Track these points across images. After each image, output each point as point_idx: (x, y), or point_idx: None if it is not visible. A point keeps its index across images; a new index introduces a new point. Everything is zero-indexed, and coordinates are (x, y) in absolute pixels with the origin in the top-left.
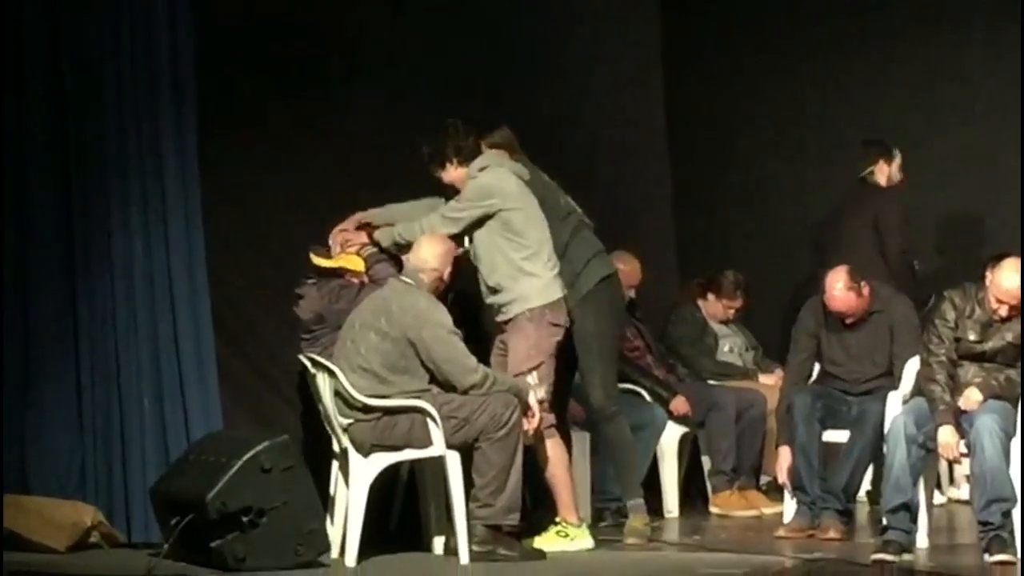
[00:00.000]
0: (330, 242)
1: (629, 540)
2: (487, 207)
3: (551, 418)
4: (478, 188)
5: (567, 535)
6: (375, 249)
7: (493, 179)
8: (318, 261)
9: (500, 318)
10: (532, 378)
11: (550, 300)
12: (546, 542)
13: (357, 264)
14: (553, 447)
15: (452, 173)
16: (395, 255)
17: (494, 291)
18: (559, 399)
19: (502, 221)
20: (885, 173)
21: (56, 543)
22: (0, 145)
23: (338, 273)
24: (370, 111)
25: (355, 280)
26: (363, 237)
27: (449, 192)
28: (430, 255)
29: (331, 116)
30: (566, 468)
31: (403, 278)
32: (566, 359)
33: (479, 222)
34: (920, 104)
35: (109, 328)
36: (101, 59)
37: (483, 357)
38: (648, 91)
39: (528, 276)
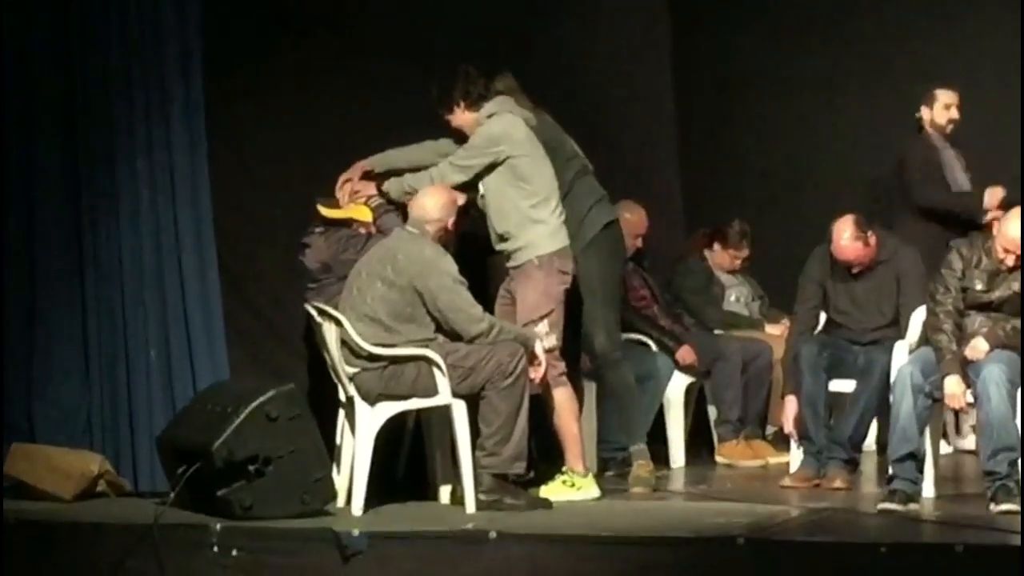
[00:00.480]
0: (337, 193)
1: (634, 489)
2: (496, 154)
3: (562, 366)
4: (487, 135)
5: (573, 484)
6: (383, 200)
7: (502, 125)
8: (326, 212)
9: (510, 264)
10: (543, 326)
11: (558, 247)
12: (552, 491)
13: (365, 214)
14: (563, 396)
15: (460, 117)
16: (402, 205)
17: (503, 238)
18: (568, 348)
19: (510, 168)
20: (928, 117)
21: (63, 491)
22: (4, 98)
23: (346, 223)
24: (376, 58)
25: (362, 230)
26: (371, 188)
27: (456, 136)
28: (432, 205)
29: (337, 62)
30: (575, 418)
31: (409, 228)
32: (572, 308)
33: (488, 169)
34: (929, 53)
35: (115, 279)
36: (106, 7)
37: (489, 306)
38: (654, 42)
39: (536, 223)
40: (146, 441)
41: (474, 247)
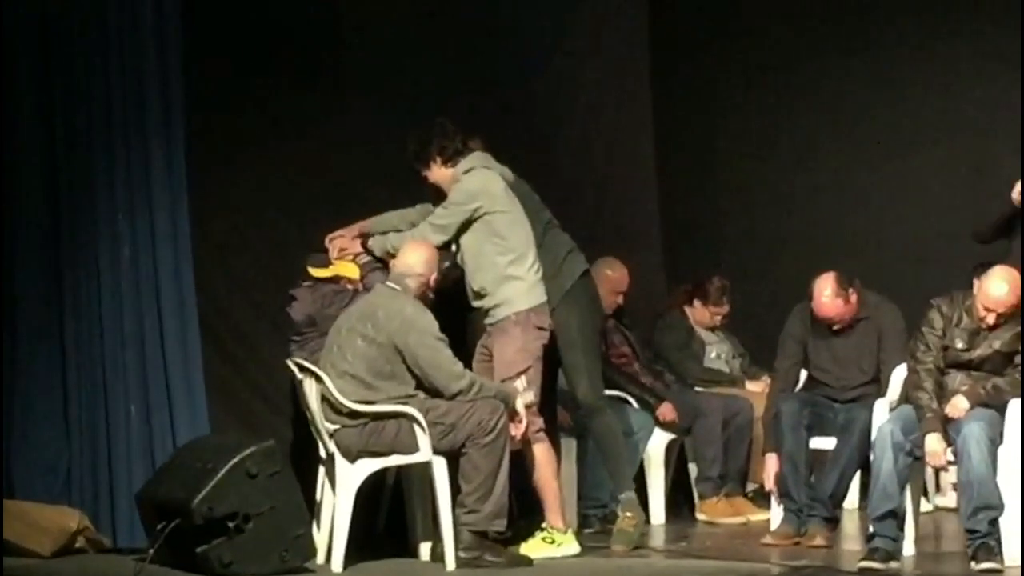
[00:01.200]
0: (327, 245)
1: (615, 547)
2: (473, 210)
3: (540, 422)
4: (464, 191)
5: (553, 541)
6: (370, 258)
7: (479, 181)
8: (315, 272)
9: (487, 321)
10: (521, 382)
11: (535, 304)
12: (532, 548)
13: (352, 271)
14: (541, 452)
15: (436, 173)
16: (388, 264)
17: (479, 295)
18: (546, 404)
19: (487, 224)
20: None
21: (41, 548)
22: None
23: (333, 280)
24: (360, 112)
25: (349, 287)
26: (357, 245)
27: (434, 192)
28: (415, 260)
29: (319, 118)
30: (553, 473)
31: (389, 284)
32: (550, 364)
33: (465, 226)
34: (906, 112)
35: (96, 333)
36: (88, 61)
37: (469, 363)
38: (636, 100)
39: (513, 280)
40: (126, 497)
41: (454, 303)
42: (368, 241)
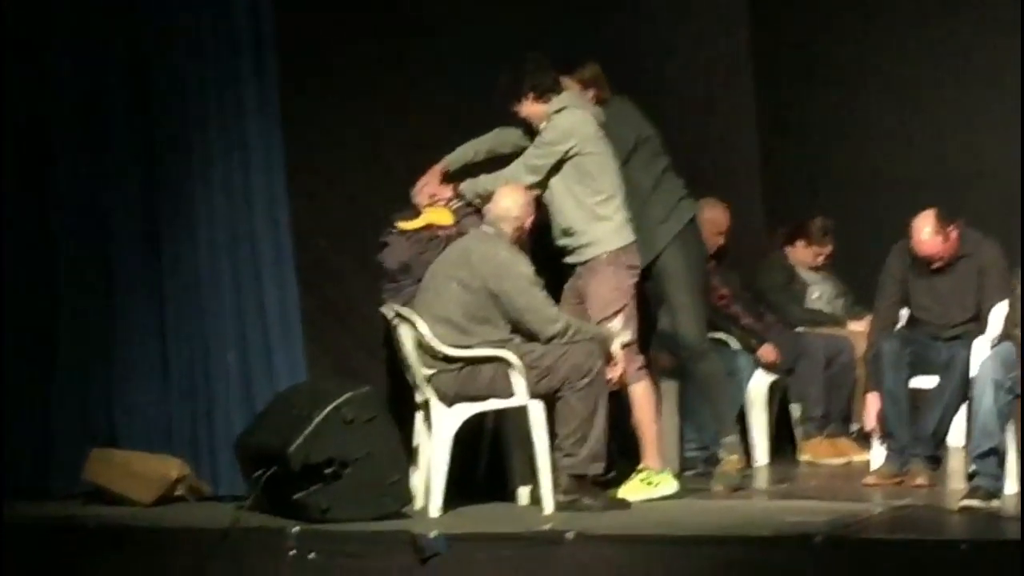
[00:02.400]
0: (415, 199)
1: (715, 488)
2: (566, 150)
3: (641, 360)
4: (557, 130)
5: (651, 482)
6: (462, 203)
7: (572, 120)
8: (405, 226)
9: (571, 260)
10: (618, 321)
11: (625, 243)
12: (630, 491)
13: (445, 218)
14: (641, 391)
15: (528, 108)
16: (480, 208)
17: (567, 233)
18: (642, 345)
19: (577, 165)
20: None
21: (142, 496)
22: (83, 104)
23: (426, 228)
24: (454, 56)
25: (442, 233)
26: (448, 190)
27: (524, 125)
28: (512, 204)
29: (414, 63)
30: (653, 413)
31: (484, 228)
32: (645, 304)
33: (556, 165)
34: (1011, 50)
35: (193, 284)
36: (179, 12)
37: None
38: (735, 40)
39: (603, 220)
40: (225, 445)
41: (548, 247)
42: (460, 185)
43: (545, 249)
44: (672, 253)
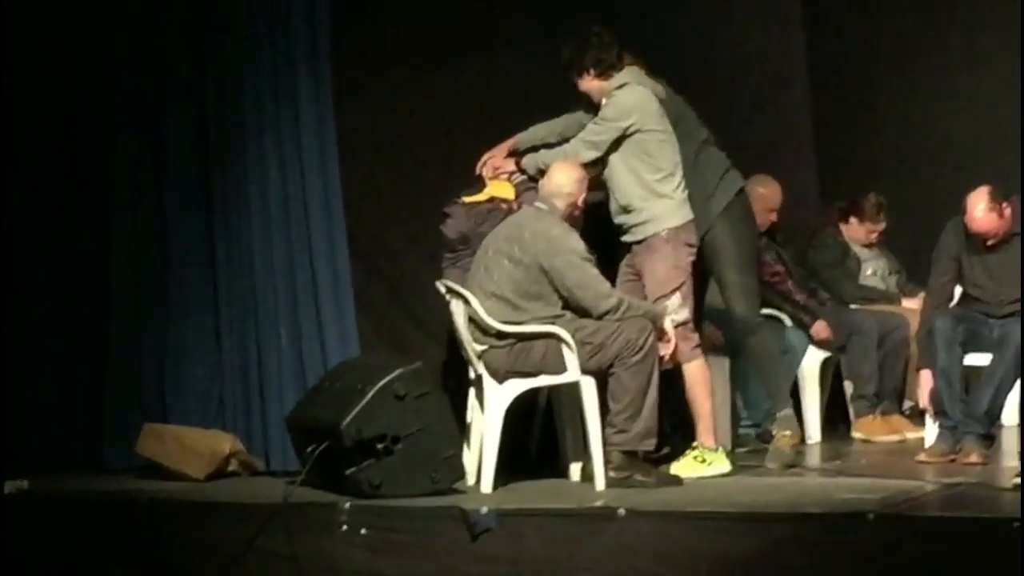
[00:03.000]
0: (480, 170)
1: (768, 465)
2: (626, 127)
3: (696, 338)
4: (618, 107)
5: (704, 460)
6: (524, 177)
7: (634, 98)
8: (469, 200)
9: (628, 238)
10: (676, 298)
11: (684, 221)
12: (683, 468)
13: (507, 191)
14: (696, 369)
15: (589, 83)
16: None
17: (626, 210)
18: (696, 323)
19: (638, 142)
20: None
21: (195, 471)
22: (139, 77)
23: (489, 201)
24: (509, 35)
25: (504, 206)
26: (511, 164)
27: (584, 99)
28: (565, 180)
29: (468, 40)
30: (707, 391)
31: (538, 204)
32: (700, 282)
33: (616, 142)
34: None
35: (246, 258)
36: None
37: (614, 282)
38: (788, 15)
39: (662, 197)
40: (277, 420)
41: (601, 223)
42: (521, 160)
43: (599, 227)
44: (721, 228)
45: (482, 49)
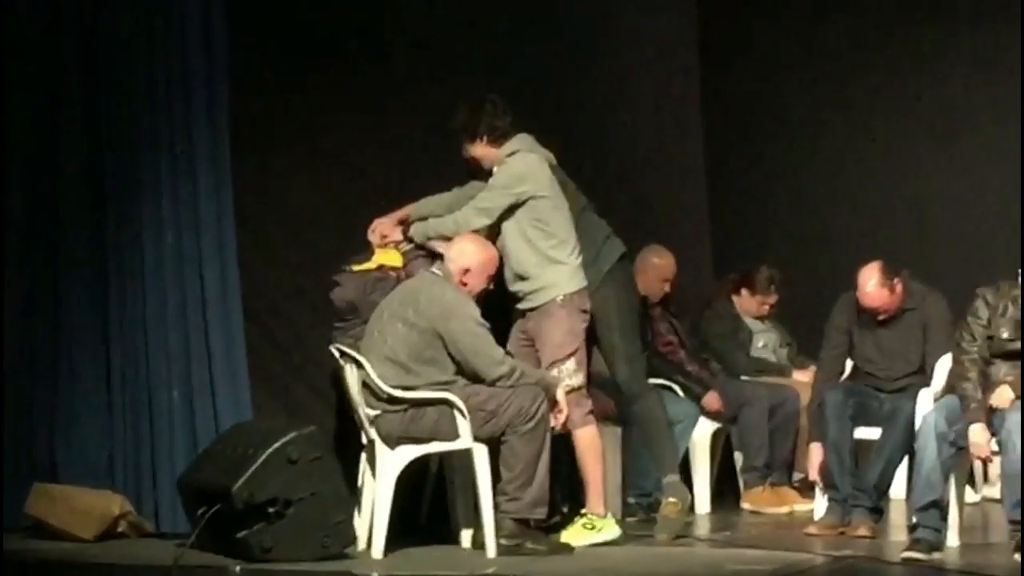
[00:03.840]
0: (369, 236)
1: (658, 536)
2: (519, 194)
3: (589, 404)
4: (510, 174)
5: (593, 527)
6: (412, 245)
7: (526, 165)
8: (358, 268)
9: (524, 305)
10: (571, 363)
11: (580, 287)
12: (573, 535)
13: (395, 259)
14: (588, 436)
15: (480, 149)
16: (433, 253)
17: (521, 278)
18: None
19: (531, 208)
20: None
21: (84, 532)
22: (31, 139)
23: (377, 269)
24: (402, 96)
25: (392, 274)
26: (398, 232)
27: (474, 168)
28: (473, 254)
29: (361, 101)
30: (598, 459)
31: (433, 269)
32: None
33: (509, 209)
34: (954, 99)
35: (139, 318)
36: (133, 49)
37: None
38: (684, 89)
39: (557, 264)
40: (168, 482)
41: (494, 290)
42: (409, 229)
43: (493, 293)
44: (603, 294)
45: (376, 109)
